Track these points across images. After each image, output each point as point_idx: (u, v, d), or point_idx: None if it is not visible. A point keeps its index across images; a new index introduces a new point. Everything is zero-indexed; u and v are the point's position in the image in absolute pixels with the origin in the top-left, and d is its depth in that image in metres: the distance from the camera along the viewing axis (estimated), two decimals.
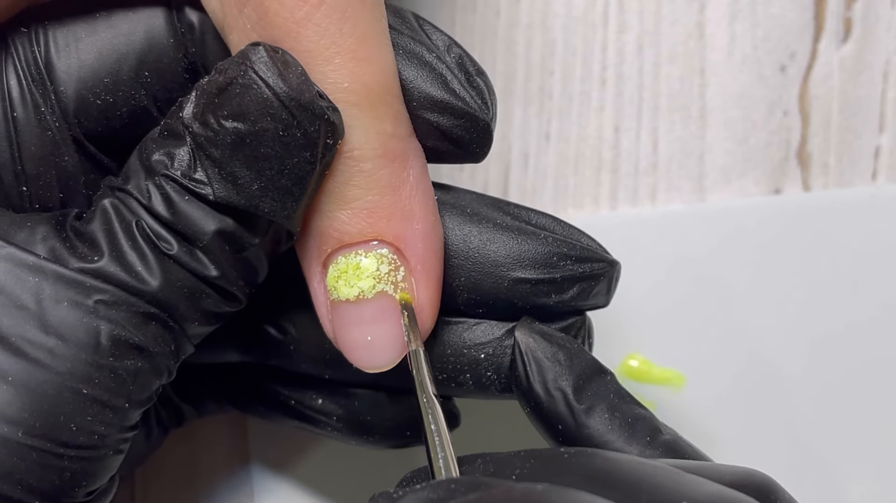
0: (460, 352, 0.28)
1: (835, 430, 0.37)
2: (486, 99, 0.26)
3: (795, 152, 0.38)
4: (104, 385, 0.23)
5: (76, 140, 0.26)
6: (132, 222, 0.24)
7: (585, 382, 0.26)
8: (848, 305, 0.37)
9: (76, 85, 0.26)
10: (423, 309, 0.26)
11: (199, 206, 0.24)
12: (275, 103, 0.23)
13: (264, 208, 0.24)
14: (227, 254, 0.24)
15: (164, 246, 0.24)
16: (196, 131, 0.24)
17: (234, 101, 0.23)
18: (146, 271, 0.24)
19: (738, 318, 0.37)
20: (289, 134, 0.23)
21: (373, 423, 0.30)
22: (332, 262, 0.26)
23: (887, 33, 0.38)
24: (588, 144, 0.38)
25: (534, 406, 0.27)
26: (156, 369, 0.25)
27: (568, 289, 0.27)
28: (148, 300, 0.24)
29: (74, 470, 0.23)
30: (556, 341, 0.27)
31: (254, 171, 0.24)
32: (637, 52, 0.38)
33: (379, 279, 0.26)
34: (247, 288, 0.26)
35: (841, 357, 0.37)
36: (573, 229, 0.28)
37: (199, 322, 0.25)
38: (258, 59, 0.23)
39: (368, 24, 0.24)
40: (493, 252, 0.27)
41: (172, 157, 0.24)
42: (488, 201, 0.28)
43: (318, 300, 0.26)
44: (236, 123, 0.23)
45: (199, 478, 0.36)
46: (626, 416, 0.26)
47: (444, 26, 0.38)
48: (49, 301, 0.23)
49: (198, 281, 0.24)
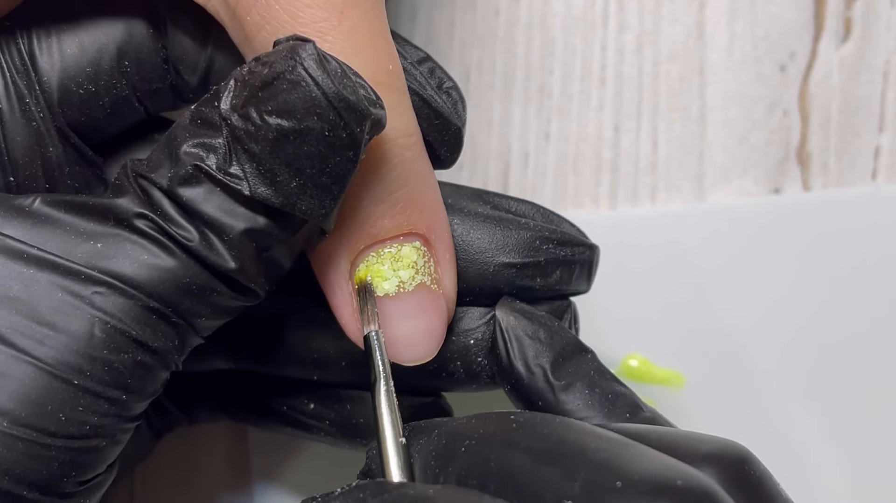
0: (449, 341, 0.27)
1: (836, 431, 0.37)
2: (457, 106, 0.26)
3: (795, 152, 0.38)
4: (97, 377, 0.23)
5: (60, 131, 0.26)
6: (147, 212, 0.23)
7: (565, 359, 0.26)
8: (848, 305, 0.37)
9: (59, 75, 0.26)
10: (449, 296, 0.26)
11: (229, 202, 0.23)
12: (323, 102, 0.22)
13: (301, 207, 0.23)
14: (251, 251, 0.24)
15: (183, 236, 0.23)
16: (235, 124, 0.23)
17: (281, 96, 0.22)
18: (151, 265, 0.23)
19: (738, 318, 0.37)
20: (334, 134, 0.23)
21: (366, 426, 0.30)
22: (366, 258, 0.25)
23: (887, 33, 0.38)
24: (588, 144, 0.38)
25: (514, 383, 0.27)
26: (158, 362, 0.24)
27: (552, 272, 0.28)
28: (148, 294, 0.23)
29: (63, 460, 0.23)
30: (536, 319, 0.27)
31: (294, 170, 0.23)
32: (637, 52, 0.38)
33: (417, 270, 0.25)
34: (266, 285, 0.25)
35: (841, 357, 0.37)
36: (553, 215, 0.29)
37: (209, 317, 0.24)
38: (308, 56, 0.22)
39: (385, 14, 0.25)
40: (476, 240, 0.27)
41: (207, 149, 0.23)
42: (468, 192, 0.28)
43: (343, 299, 0.26)
44: (280, 120, 0.22)
45: (199, 478, 0.36)
46: (605, 393, 0.26)
47: (443, 26, 0.38)
48: (42, 291, 0.23)
49: (210, 276, 0.24)
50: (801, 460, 0.36)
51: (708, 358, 0.37)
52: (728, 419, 0.36)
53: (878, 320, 0.37)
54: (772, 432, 0.37)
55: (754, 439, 0.37)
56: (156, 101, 0.28)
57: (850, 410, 0.37)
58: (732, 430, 0.36)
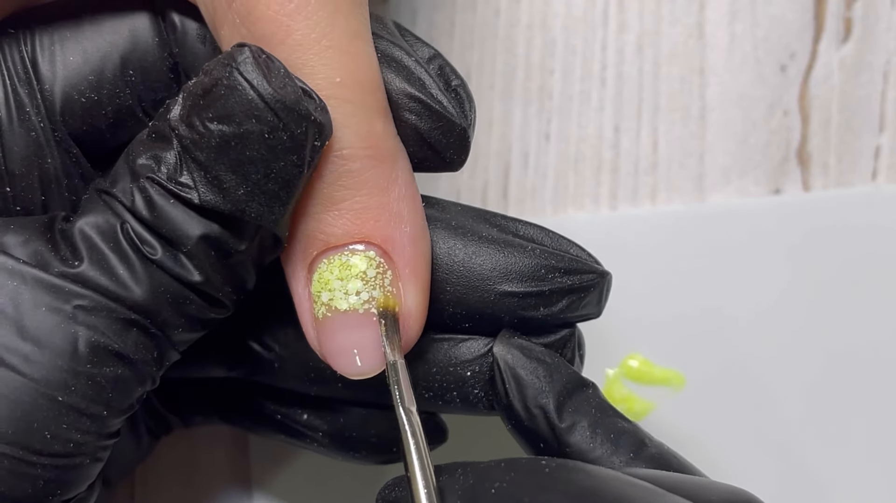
0: (446, 370, 0.27)
1: (836, 431, 0.37)
2: (464, 105, 0.26)
3: (795, 152, 0.38)
4: (81, 392, 0.23)
5: (60, 142, 0.26)
6: (116, 226, 0.23)
7: (566, 398, 0.26)
8: (848, 305, 0.37)
9: (61, 83, 0.26)
10: (411, 314, 0.25)
11: (184, 211, 0.23)
12: (259, 105, 0.22)
13: (251, 213, 0.23)
14: (212, 260, 0.24)
15: (147, 250, 0.23)
16: (182, 133, 0.23)
17: (219, 102, 0.23)
18: (128, 276, 0.23)
19: (738, 318, 0.37)
20: (275, 136, 0.23)
21: (359, 439, 0.30)
22: (318, 266, 0.25)
23: (887, 33, 0.38)
24: (588, 144, 0.38)
25: (515, 423, 0.26)
26: (137, 377, 0.24)
27: (557, 301, 0.27)
28: (128, 306, 0.23)
29: (48, 478, 0.23)
30: (535, 356, 0.26)
31: (239, 175, 0.23)
32: (637, 52, 0.38)
33: (367, 282, 0.25)
34: (233, 294, 0.25)
35: (842, 357, 0.37)
36: (563, 240, 0.28)
37: (184, 329, 0.24)
38: (244, 60, 0.22)
39: (359, 21, 0.24)
40: (478, 265, 0.26)
41: (159, 160, 0.23)
42: (474, 213, 0.28)
43: (303, 306, 0.26)
44: (221, 126, 0.23)
45: (199, 477, 0.36)
46: (608, 432, 0.25)
47: (443, 26, 0.38)
48: (27, 306, 0.23)
49: (182, 286, 0.24)
50: (801, 460, 0.36)
51: (708, 358, 0.37)
52: (728, 419, 0.36)
53: (878, 320, 0.37)
54: (772, 432, 0.37)
55: (754, 439, 0.37)
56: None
57: (850, 410, 0.37)
58: (732, 431, 0.37)
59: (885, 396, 0.37)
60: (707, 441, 0.36)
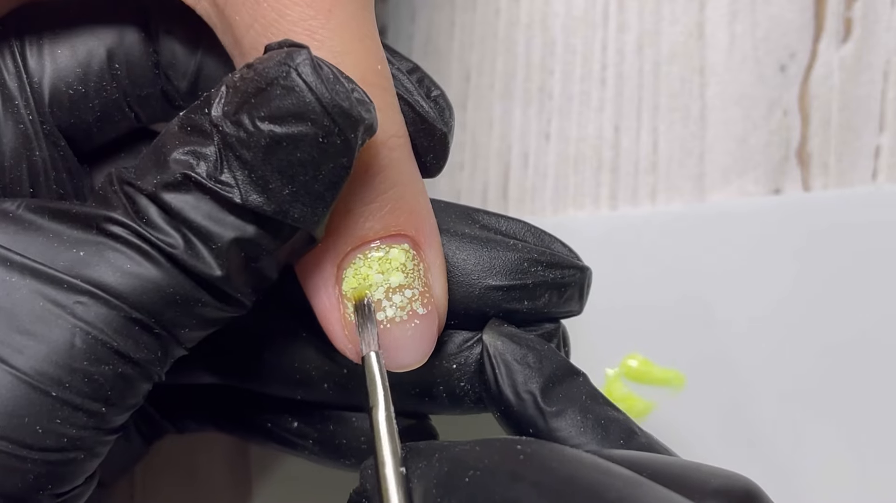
0: (432, 364, 0.27)
1: (836, 431, 0.37)
2: (444, 113, 0.26)
3: (795, 152, 0.38)
4: (76, 388, 0.22)
5: (48, 135, 0.26)
6: (130, 221, 0.23)
7: (556, 384, 0.26)
8: (848, 305, 0.37)
9: (50, 76, 0.26)
10: (441, 304, 0.26)
11: (218, 210, 0.23)
12: (317, 108, 0.22)
13: (294, 214, 0.23)
14: (238, 260, 0.23)
15: (166, 242, 0.23)
16: (227, 131, 0.22)
17: (273, 103, 0.22)
18: (133, 275, 0.23)
19: (739, 318, 0.37)
20: (328, 140, 0.22)
21: (348, 447, 0.29)
22: (352, 262, 0.25)
23: (887, 33, 0.38)
24: (588, 144, 0.38)
25: (503, 410, 0.26)
26: (140, 374, 0.23)
27: (540, 295, 0.27)
28: (131, 305, 0.23)
29: (39, 472, 0.22)
30: (524, 343, 0.26)
31: (286, 177, 0.22)
32: (637, 52, 0.38)
33: (407, 274, 0.25)
34: (252, 295, 0.24)
35: (841, 357, 0.37)
36: (545, 235, 0.28)
37: (193, 328, 0.24)
38: (303, 62, 0.22)
39: (373, 15, 0.25)
40: (462, 261, 0.27)
41: (198, 156, 0.23)
42: (457, 211, 0.28)
43: (330, 305, 0.25)
44: (273, 126, 0.22)
45: (199, 477, 0.36)
46: (598, 418, 0.25)
47: (443, 26, 0.38)
48: (23, 298, 0.22)
49: (195, 286, 0.23)
50: (800, 460, 0.36)
51: (708, 358, 0.37)
52: (727, 419, 0.36)
53: (878, 320, 0.37)
54: (772, 432, 0.37)
55: (754, 439, 0.37)
56: (146, 107, 0.28)
57: (851, 410, 0.37)
58: (732, 431, 0.37)
59: (886, 395, 0.37)
60: (707, 441, 0.36)
